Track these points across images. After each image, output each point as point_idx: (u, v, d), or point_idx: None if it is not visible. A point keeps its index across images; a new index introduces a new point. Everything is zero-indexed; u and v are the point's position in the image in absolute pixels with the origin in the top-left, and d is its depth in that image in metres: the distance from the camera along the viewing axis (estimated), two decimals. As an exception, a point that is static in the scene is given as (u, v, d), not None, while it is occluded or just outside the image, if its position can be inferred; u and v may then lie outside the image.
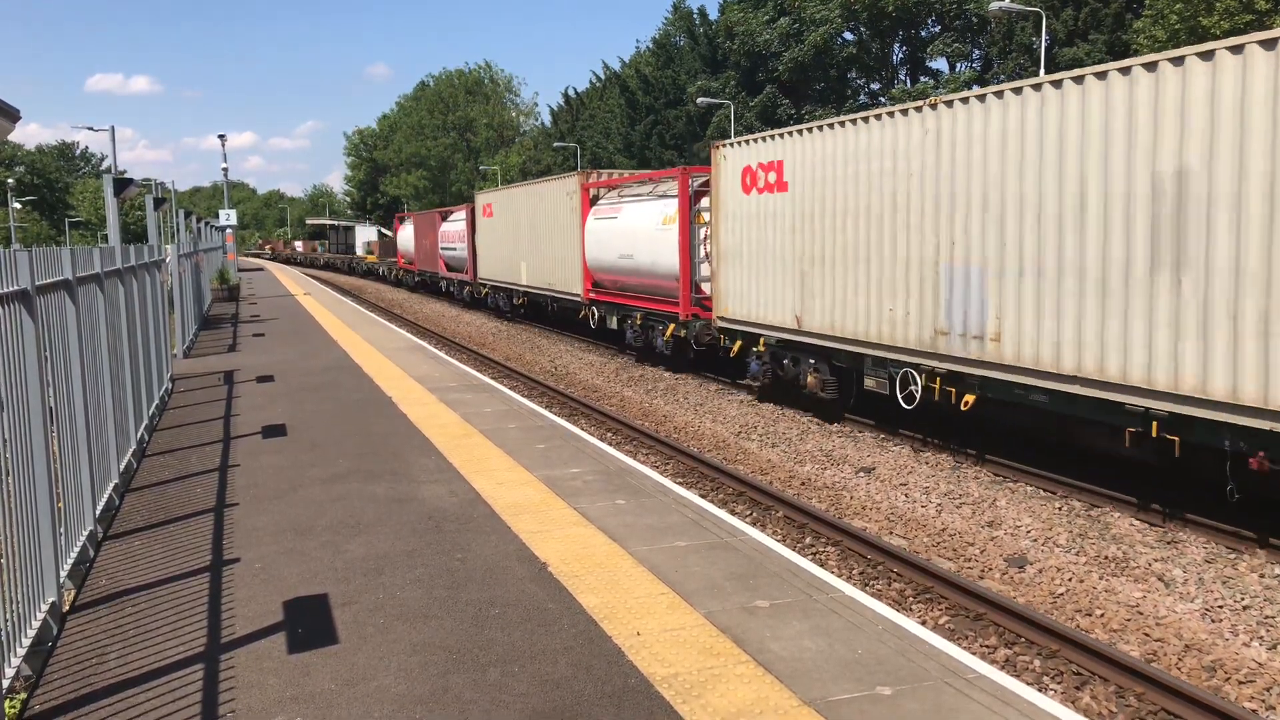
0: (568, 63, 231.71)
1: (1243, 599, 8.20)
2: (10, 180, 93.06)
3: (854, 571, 9.08)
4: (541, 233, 27.48)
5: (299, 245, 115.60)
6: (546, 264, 27.23)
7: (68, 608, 6.39)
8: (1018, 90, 10.79)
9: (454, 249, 39.67)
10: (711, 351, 18.95)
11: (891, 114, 12.86)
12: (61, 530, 6.50)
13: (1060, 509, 10.64)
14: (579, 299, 24.85)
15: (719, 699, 5.03)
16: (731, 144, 17.22)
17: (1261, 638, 7.53)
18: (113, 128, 29.42)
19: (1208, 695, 6.48)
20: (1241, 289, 8.59)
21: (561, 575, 6.80)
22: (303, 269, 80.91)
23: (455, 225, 39.65)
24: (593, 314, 24.15)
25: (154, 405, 12.62)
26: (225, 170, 47.54)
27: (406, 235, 51.03)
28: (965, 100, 11.59)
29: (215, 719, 4.91)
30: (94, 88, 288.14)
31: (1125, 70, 9.54)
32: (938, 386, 12.21)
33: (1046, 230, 10.47)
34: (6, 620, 5.16)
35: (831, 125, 14.12)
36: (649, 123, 58.01)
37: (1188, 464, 9.64)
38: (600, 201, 24.04)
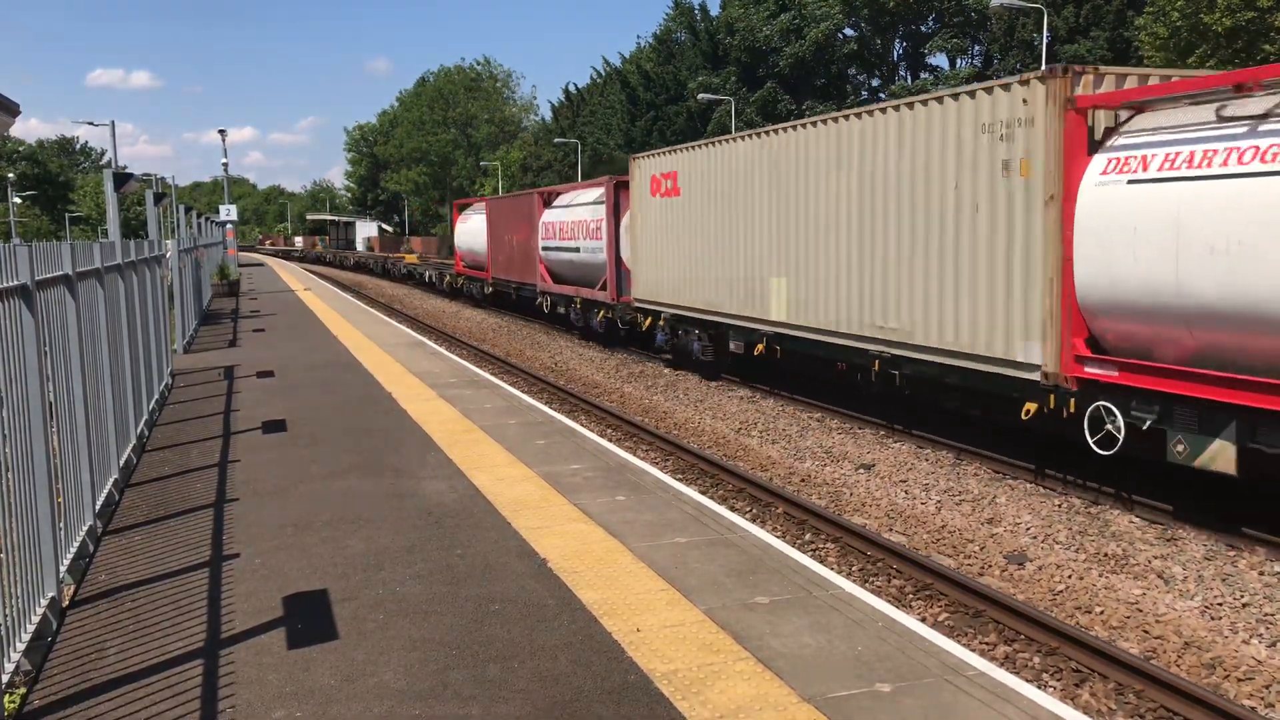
0: (569, 58, 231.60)
1: (1242, 596, 8.20)
2: (11, 175, 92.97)
3: (854, 568, 9.08)
4: (845, 221, 14.17)
5: (299, 240, 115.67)
6: (864, 285, 13.78)
7: (67, 603, 6.39)
8: None
9: (574, 250, 25.30)
10: None
11: None
12: (61, 525, 6.50)
13: (1060, 506, 10.63)
14: (1034, 375, 10.70)
15: (719, 695, 5.03)
16: None
17: (1261, 635, 7.53)
18: (113, 123, 29.27)
19: (1207, 693, 6.48)
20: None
21: (561, 571, 6.80)
22: (309, 265, 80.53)
23: (574, 213, 25.57)
24: (1109, 419, 9.93)
25: (154, 400, 12.62)
26: (225, 165, 47.61)
27: (472, 229, 36.60)
28: None
29: (215, 715, 4.91)
30: (94, 83, 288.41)
31: None
32: None
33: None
34: (6, 615, 5.16)
35: None
36: (649, 119, 57.86)
37: None
38: (1137, 133, 9.78)
